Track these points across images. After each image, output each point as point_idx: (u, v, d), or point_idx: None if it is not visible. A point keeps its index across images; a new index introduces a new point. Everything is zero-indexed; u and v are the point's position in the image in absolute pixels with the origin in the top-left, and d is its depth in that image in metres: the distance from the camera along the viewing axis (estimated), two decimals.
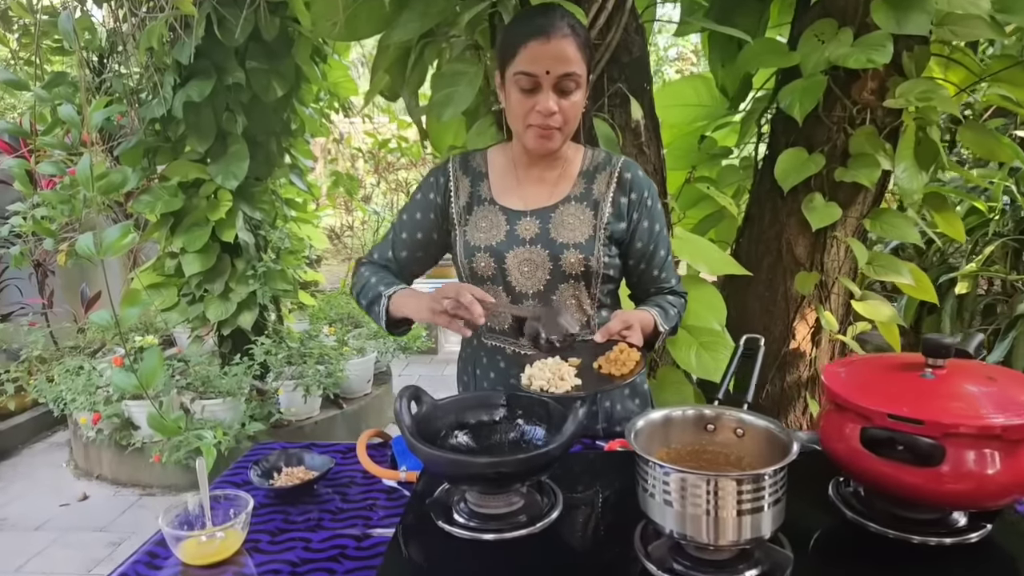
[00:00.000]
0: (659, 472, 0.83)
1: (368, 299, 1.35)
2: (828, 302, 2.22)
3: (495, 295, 1.34)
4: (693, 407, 0.97)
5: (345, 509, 1.15)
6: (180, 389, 3.03)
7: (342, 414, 3.43)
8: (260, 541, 1.06)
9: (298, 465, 1.27)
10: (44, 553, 2.52)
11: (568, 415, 1.00)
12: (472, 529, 0.94)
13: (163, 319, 3.55)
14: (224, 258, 3.45)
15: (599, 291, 1.35)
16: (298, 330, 3.90)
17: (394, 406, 0.99)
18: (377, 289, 1.33)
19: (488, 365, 1.41)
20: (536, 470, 0.94)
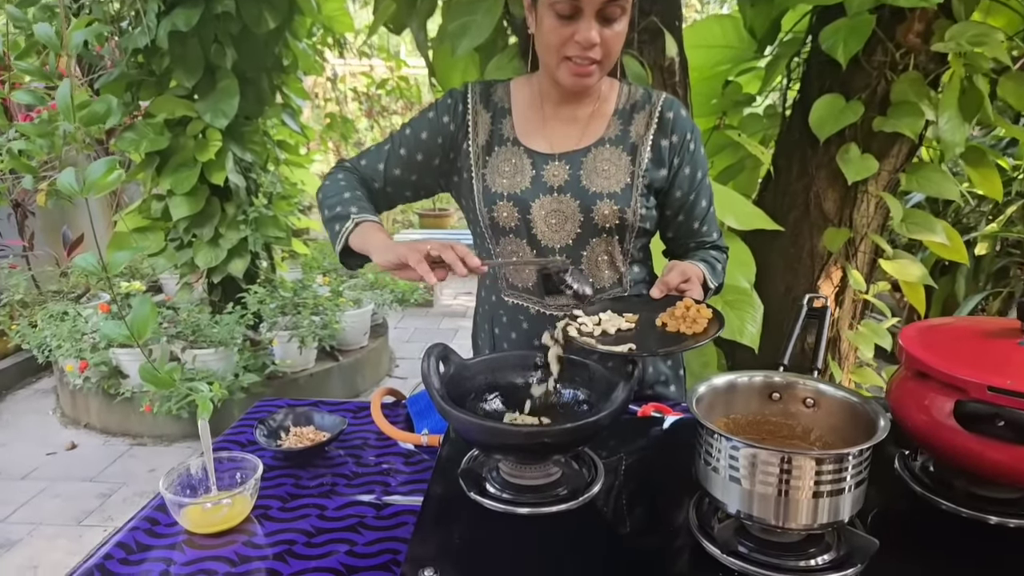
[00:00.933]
0: (725, 445, 0.73)
1: (333, 213, 1.17)
2: (855, 260, 2.12)
3: (518, 249, 1.22)
4: (761, 374, 0.87)
5: (360, 473, 1.06)
6: (170, 338, 2.91)
7: (338, 366, 3.34)
8: (270, 508, 0.97)
9: (307, 425, 1.16)
10: (32, 503, 2.44)
11: (614, 378, 0.89)
12: (506, 502, 0.85)
13: (150, 265, 3.40)
14: (213, 202, 3.29)
15: (633, 245, 1.23)
16: (291, 279, 3.77)
17: (421, 366, 0.89)
18: (348, 208, 1.16)
19: (509, 325, 1.30)
20: (581, 440, 0.84)
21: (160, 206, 3.29)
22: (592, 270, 1.22)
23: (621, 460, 0.98)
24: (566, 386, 0.97)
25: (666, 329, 1.00)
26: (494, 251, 1.25)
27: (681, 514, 0.84)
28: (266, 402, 1.32)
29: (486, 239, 1.25)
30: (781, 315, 2.11)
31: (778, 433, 0.86)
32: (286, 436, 1.13)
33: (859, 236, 2.12)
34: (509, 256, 1.24)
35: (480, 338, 1.39)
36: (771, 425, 0.87)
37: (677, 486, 0.89)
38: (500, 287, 1.29)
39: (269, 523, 0.93)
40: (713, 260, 1.26)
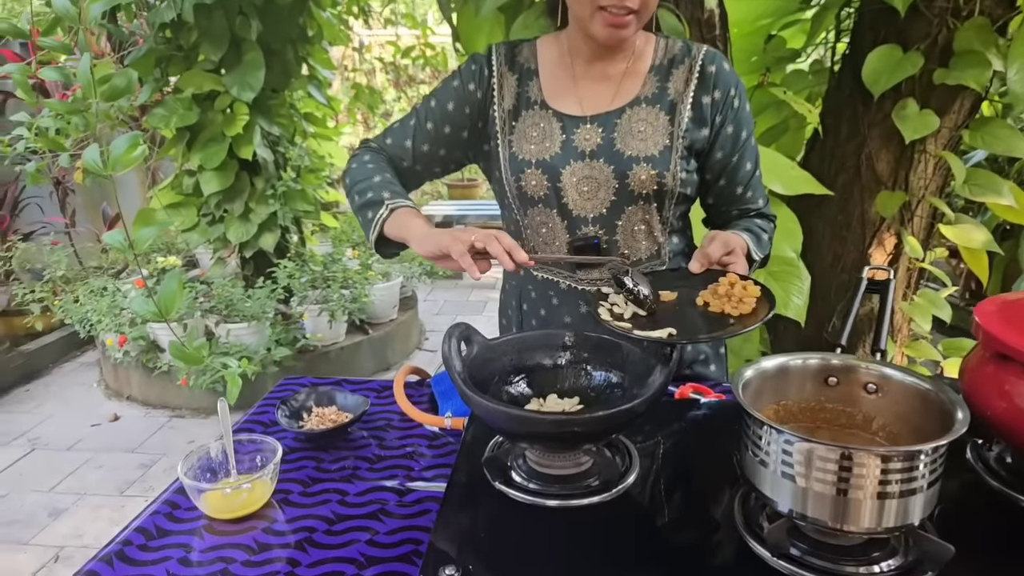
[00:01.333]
0: (777, 439, 0.66)
1: (364, 200, 1.10)
2: (910, 225, 1.98)
3: (547, 220, 1.15)
4: (816, 356, 0.78)
5: (383, 457, 1.01)
6: (204, 312, 2.93)
7: (368, 340, 3.33)
8: (291, 492, 0.93)
9: (329, 405, 1.12)
10: (77, 473, 2.51)
11: (652, 361, 0.82)
12: (533, 493, 0.79)
13: (183, 240, 3.42)
14: (243, 176, 3.28)
15: (672, 213, 1.14)
16: (321, 252, 3.76)
17: (442, 348, 0.83)
18: (380, 193, 1.09)
19: (538, 301, 1.23)
20: (614, 429, 0.77)
21: (192, 182, 3.29)
22: (628, 241, 1.14)
23: (658, 446, 0.91)
24: (597, 368, 0.90)
25: (708, 309, 0.91)
26: (522, 223, 1.18)
27: (724, 508, 0.77)
28: (290, 380, 1.29)
29: (513, 210, 1.18)
30: (828, 287, 1.99)
31: (835, 421, 0.78)
32: (308, 417, 1.09)
33: (915, 199, 1.98)
34: (538, 227, 1.16)
35: (507, 315, 1.33)
36: (827, 413, 0.79)
37: (720, 476, 0.82)
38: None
39: (290, 508, 0.89)
40: (758, 230, 1.16)
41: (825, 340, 1.96)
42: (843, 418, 0.78)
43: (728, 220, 1.20)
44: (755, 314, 0.88)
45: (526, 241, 1.20)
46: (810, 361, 0.78)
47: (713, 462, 0.88)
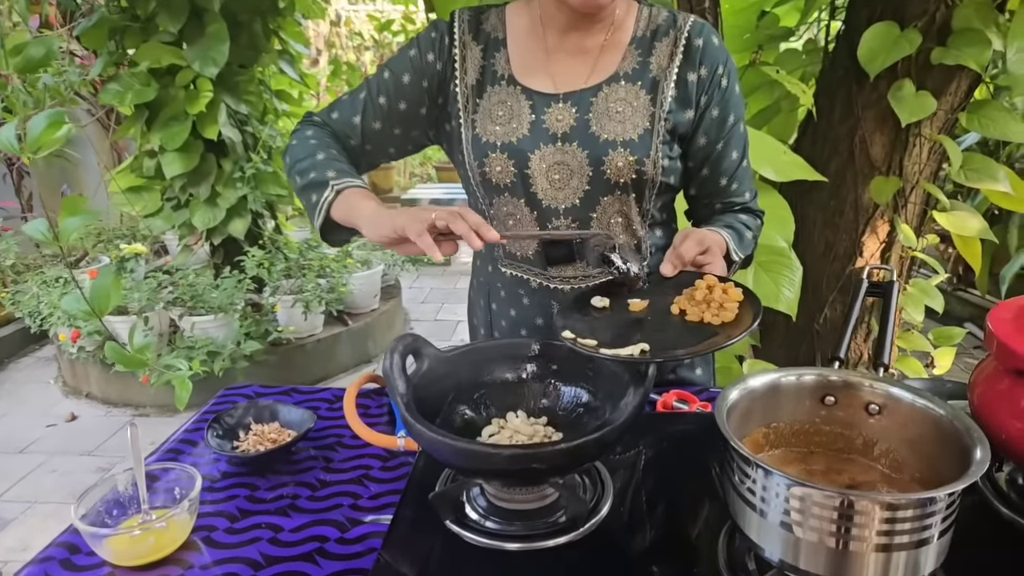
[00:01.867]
0: (763, 478, 0.56)
1: (306, 181, 0.98)
2: (904, 212, 1.89)
3: (515, 211, 1.03)
4: (812, 372, 0.68)
5: (328, 482, 0.90)
6: (167, 304, 2.79)
7: (347, 331, 3.20)
8: (215, 529, 0.82)
9: (270, 421, 1.01)
10: (28, 479, 2.37)
11: (626, 378, 0.71)
12: (492, 534, 0.68)
13: (146, 226, 3.26)
14: (208, 158, 3.12)
15: (653, 205, 1.03)
16: (298, 239, 3.62)
17: (383, 364, 0.71)
18: (324, 172, 0.96)
19: (507, 300, 1.12)
20: (580, 462, 0.67)
21: (153, 163, 3.13)
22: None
23: (635, 468, 0.81)
24: (566, 383, 0.80)
25: (686, 318, 0.80)
26: (487, 213, 1.07)
27: (708, 547, 0.67)
28: (232, 390, 1.17)
29: (478, 198, 1.07)
30: (819, 277, 1.90)
31: (832, 445, 0.68)
32: (245, 436, 0.98)
33: (909, 185, 1.88)
34: (504, 219, 1.05)
35: (476, 316, 1.22)
36: (823, 436, 0.69)
37: (704, 506, 0.72)
38: (497, 256, 1.11)
39: (212, 550, 0.78)
40: (741, 226, 1.05)
41: (816, 332, 1.87)
42: (840, 442, 0.68)
43: (711, 214, 1.09)
44: (739, 322, 0.77)
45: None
46: (805, 378, 0.68)
47: (697, 487, 0.78)
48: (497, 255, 1.10)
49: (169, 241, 4.11)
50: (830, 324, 1.89)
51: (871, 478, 0.64)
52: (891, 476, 0.64)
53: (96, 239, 3.88)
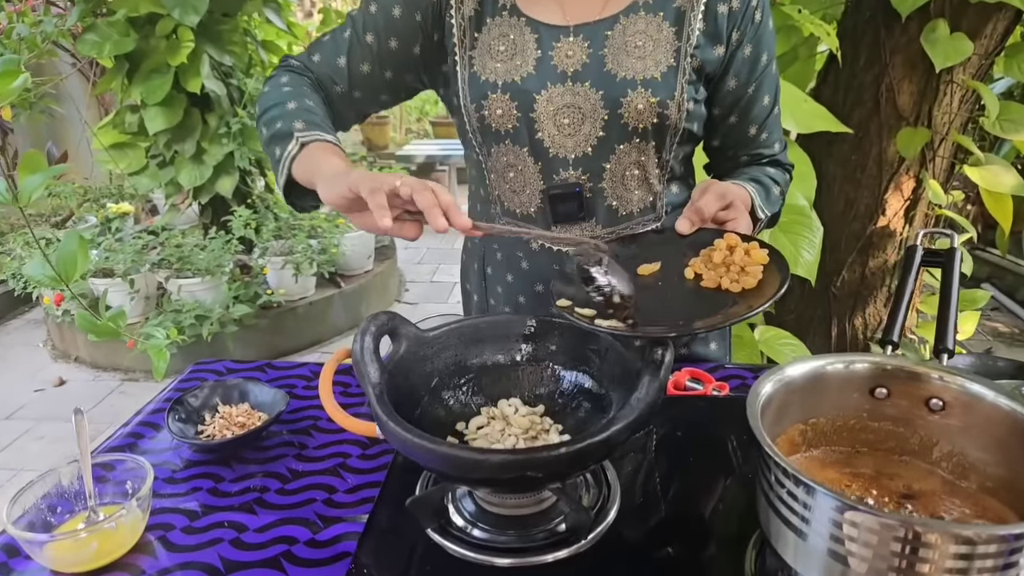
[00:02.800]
0: (817, 502, 0.45)
1: (272, 131, 0.85)
2: (931, 166, 1.75)
3: (516, 161, 0.91)
4: (864, 359, 0.57)
5: (301, 472, 0.81)
6: (153, 266, 2.68)
7: (340, 294, 3.10)
8: (172, 528, 0.72)
9: (240, 402, 0.91)
10: (14, 446, 2.31)
11: (636, 363, 0.61)
12: (480, 546, 0.59)
13: (132, 185, 3.13)
14: (193, 113, 2.97)
15: (673, 155, 0.91)
16: None
17: (352, 350, 0.61)
18: (291, 123, 0.84)
19: (504, 264, 1.01)
20: (583, 466, 0.56)
21: (135, 119, 2.98)
22: (616, 190, 0.91)
23: (645, 464, 0.71)
24: (566, 366, 0.69)
25: (701, 284, 0.69)
26: (485, 164, 0.95)
27: (739, 561, 0.57)
28: (202, 365, 1.07)
29: (475, 148, 0.94)
30: (838, 236, 1.78)
31: (881, 445, 0.58)
32: (211, 419, 0.88)
33: (939, 137, 1.74)
34: (504, 171, 0.92)
35: (469, 281, 1.10)
36: (871, 434, 0.58)
37: (730, 510, 0.62)
38: (493, 214, 0.99)
39: (166, 553, 0.69)
40: (768, 180, 0.93)
41: (832, 296, 1.76)
42: (892, 440, 0.58)
43: (735, 167, 0.97)
44: (761, 289, 0.66)
45: (490, 188, 0.96)
46: (855, 366, 0.57)
47: (717, 485, 0.68)
48: (493, 213, 0.98)
49: (159, 201, 3.98)
50: (847, 287, 1.78)
51: (930, 486, 0.54)
52: (955, 484, 0.54)
53: (83, 198, 3.75)
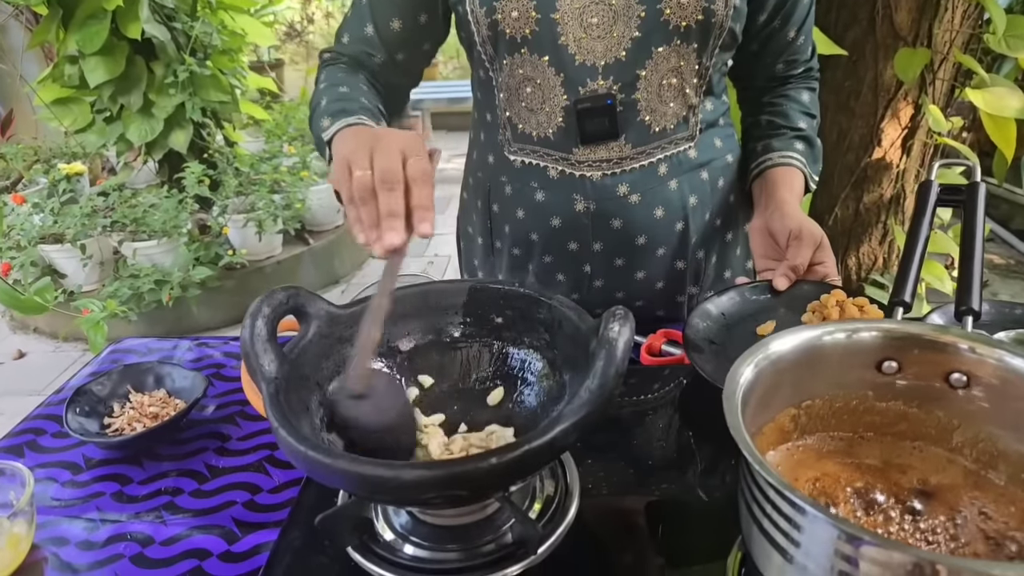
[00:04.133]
0: (817, 531, 0.35)
1: (316, 136, 0.79)
2: (931, 90, 1.62)
3: (535, 73, 0.77)
4: (869, 325, 0.46)
5: (221, 469, 0.70)
6: (105, 229, 2.52)
7: (309, 251, 2.95)
8: (66, 543, 0.62)
9: (156, 388, 0.80)
10: None
11: (591, 342, 0.50)
12: (413, 569, 0.49)
13: (79, 143, 2.93)
14: (136, 62, 2.75)
15: (713, 62, 0.78)
16: (253, 150, 3.29)
17: (241, 335, 0.49)
18: (319, 121, 0.77)
19: (515, 198, 0.87)
20: (528, 473, 0.46)
21: (75, 70, 2.76)
22: (651, 103, 0.78)
23: (611, 448, 0.61)
24: (514, 344, 0.58)
25: None
26: (496, 82, 0.82)
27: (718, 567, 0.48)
28: (120, 345, 0.96)
29: (484, 63, 0.81)
30: (830, 170, 1.65)
31: (889, 429, 0.48)
32: (121, 409, 0.77)
33: (939, 58, 1.60)
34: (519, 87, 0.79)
35: (470, 222, 0.97)
36: (877, 416, 0.48)
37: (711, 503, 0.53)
38: (502, 140, 0.85)
39: (55, 574, 0.59)
40: (810, 124, 0.88)
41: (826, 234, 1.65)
42: (903, 424, 0.47)
43: (770, 80, 0.90)
44: None
45: (500, 111, 0.83)
46: (859, 336, 0.46)
47: (698, 472, 0.58)
48: (503, 139, 0.85)
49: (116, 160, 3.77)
50: (840, 225, 1.67)
51: (950, 478, 0.44)
52: (980, 475, 0.44)
53: (32, 159, 3.53)
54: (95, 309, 1.37)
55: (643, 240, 0.83)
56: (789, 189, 0.83)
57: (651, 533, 0.54)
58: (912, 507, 0.41)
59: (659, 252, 0.85)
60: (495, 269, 0.95)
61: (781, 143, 0.87)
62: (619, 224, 0.82)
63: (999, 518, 0.42)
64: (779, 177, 0.84)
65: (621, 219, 0.82)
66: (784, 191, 0.82)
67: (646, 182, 0.81)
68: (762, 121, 0.90)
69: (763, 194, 0.85)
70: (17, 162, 3.20)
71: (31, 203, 2.57)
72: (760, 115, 0.90)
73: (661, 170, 0.81)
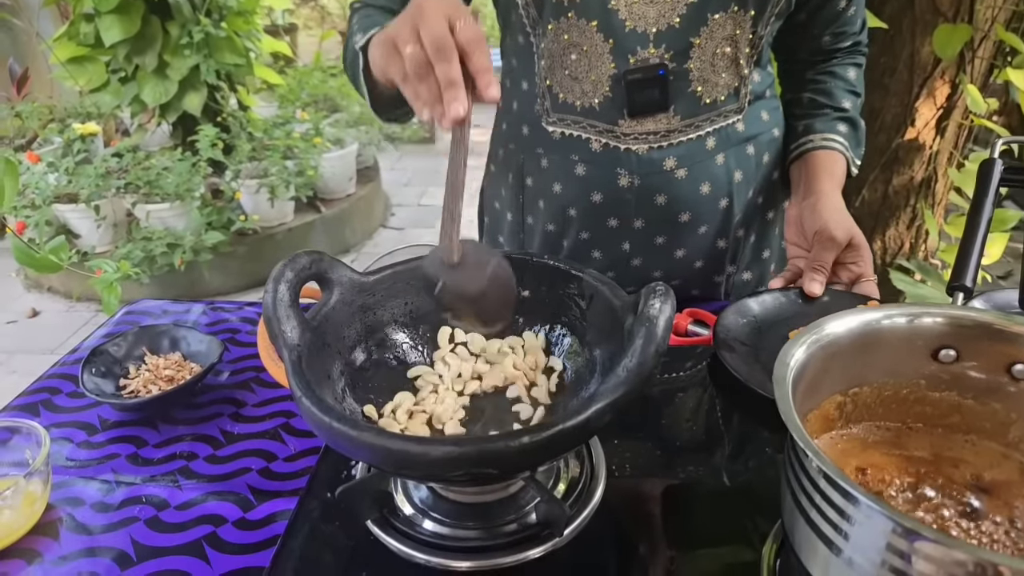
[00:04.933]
0: (873, 523, 0.33)
1: (351, 68, 0.74)
2: (970, 69, 1.56)
3: (582, 39, 0.73)
4: (933, 310, 0.43)
5: (236, 435, 0.69)
6: (118, 190, 2.50)
7: (321, 219, 2.93)
8: (81, 503, 0.61)
9: (171, 351, 0.79)
10: None
11: (629, 312, 0.47)
12: (433, 545, 0.47)
13: (93, 103, 2.91)
14: (152, 21, 2.71)
15: (767, 30, 0.75)
16: (266, 116, 3.25)
17: (263, 300, 0.47)
18: (353, 45, 0.72)
19: (552, 172, 0.82)
20: (558, 454, 0.44)
21: (91, 29, 2.72)
22: (704, 73, 0.74)
23: (638, 430, 0.59)
24: (544, 320, 0.55)
25: None
26: (538, 49, 0.78)
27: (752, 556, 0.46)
28: (136, 305, 0.94)
29: (525, 28, 0.77)
30: None
31: (941, 421, 0.45)
32: (136, 372, 0.76)
33: (979, 35, 1.54)
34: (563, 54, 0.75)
35: (498, 198, 0.93)
36: (928, 407, 0.45)
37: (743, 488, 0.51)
38: (540, 111, 0.81)
39: (70, 535, 0.58)
40: (854, 104, 0.83)
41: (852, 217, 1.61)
42: (956, 416, 0.45)
43: (814, 53, 0.85)
44: None
45: (539, 79, 0.79)
46: (921, 321, 0.43)
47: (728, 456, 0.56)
48: (540, 110, 0.81)
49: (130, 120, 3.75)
50: (867, 208, 1.62)
51: (1006, 474, 0.42)
52: None
53: (48, 119, 3.51)
54: (108, 270, 1.35)
55: (687, 217, 0.80)
56: (830, 177, 0.79)
57: (678, 518, 0.52)
58: (967, 502, 0.39)
59: (701, 230, 0.82)
60: (524, 247, 0.91)
61: (823, 124, 0.83)
62: (663, 200, 0.78)
63: None
64: (820, 162, 0.80)
65: (666, 195, 0.78)
66: (824, 180, 0.78)
67: (694, 156, 0.77)
68: (804, 99, 0.86)
69: (802, 180, 0.81)
70: (32, 121, 3.18)
71: (46, 162, 2.55)
72: (803, 92, 0.86)
73: (709, 144, 0.77)
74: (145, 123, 2.93)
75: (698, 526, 0.51)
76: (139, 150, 2.87)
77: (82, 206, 2.46)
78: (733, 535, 0.50)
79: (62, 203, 2.54)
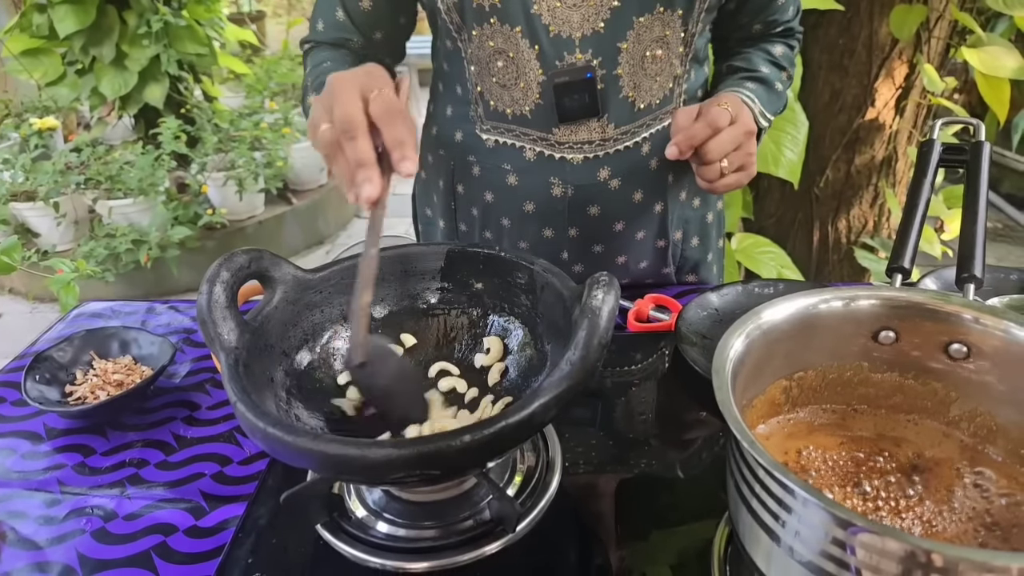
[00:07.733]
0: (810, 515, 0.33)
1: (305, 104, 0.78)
2: (927, 49, 1.57)
3: (507, 46, 0.71)
4: (868, 292, 0.43)
5: (189, 440, 0.68)
6: (79, 187, 2.44)
7: (292, 211, 2.89)
8: (25, 516, 0.59)
9: (121, 354, 0.76)
10: None
11: (573, 298, 0.47)
12: (386, 547, 0.46)
13: (50, 97, 2.82)
14: (108, 11, 2.64)
15: (698, 28, 0.73)
16: (233, 106, 3.18)
17: (197, 302, 0.46)
18: (305, 100, 0.78)
19: (484, 180, 0.81)
20: (500, 452, 0.43)
21: (44, 19, 2.64)
22: (635, 76, 0.72)
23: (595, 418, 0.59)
24: (495, 311, 0.55)
25: None
26: (465, 54, 0.75)
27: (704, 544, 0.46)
28: (85, 308, 0.92)
29: (450, 32, 0.75)
30: (822, 131, 1.62)
31: (884, 402, 0.45)
32: (84, 377, 0.73)
33: (935, 15, 1.55)
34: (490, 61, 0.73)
35: (429, 204, 0.91)
36: (871, 388, 0.46)
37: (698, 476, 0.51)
38: (473, 117, 0.78)
39: (12, 551, 0.56)
40: (774, 72, 0.79)
41: (815, 197, 1.62)
42: (898, 396, 0.45)
43: (746, 39, 0.82)
44: None
45: (471, 85, 0.77)
46: (857, 304, 0.43)
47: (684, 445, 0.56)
48: (474, 116, 0.78)
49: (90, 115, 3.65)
50: (831, 187, 1.64)
51: (946, 452, 0.42)
52: (977, 450, 0.42)
53: (3, 114, 3.40)
54: (67, 269, 1.31)
55: (621, 226, 0.79)
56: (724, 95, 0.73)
57: (633, 509, 0.52)
58: (907, 481, 0.40)
59: (639, 236, 0.81)
60: None
61: (732, 82, 0.78)
62: (596, 211, 0.77)
63: (996, 493, 0.40)
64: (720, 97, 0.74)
65: (599, 205, 0.77)
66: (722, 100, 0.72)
67: (629, 165, 0.75)
68: (722, 68, 0.83)
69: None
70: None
71: (1, 159, 2.48)
72: (722, 64, 0.84)
73: (644, 149, 0.76)
74: (105, 116, 2.86)
75: (652, 517, 0.51)
76: (100, 144, 2.80)
77: (40, 204, 2.39)
78: (687, 525, 0.50)
79: (19, 201, 2.46)
